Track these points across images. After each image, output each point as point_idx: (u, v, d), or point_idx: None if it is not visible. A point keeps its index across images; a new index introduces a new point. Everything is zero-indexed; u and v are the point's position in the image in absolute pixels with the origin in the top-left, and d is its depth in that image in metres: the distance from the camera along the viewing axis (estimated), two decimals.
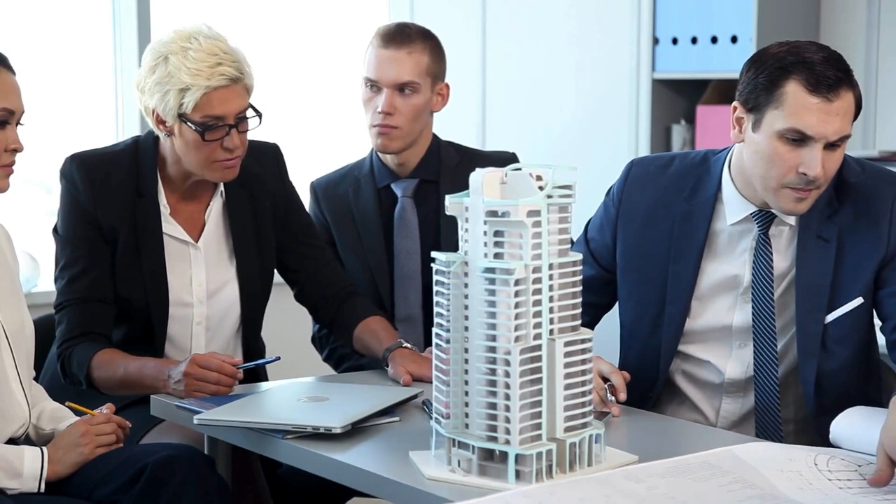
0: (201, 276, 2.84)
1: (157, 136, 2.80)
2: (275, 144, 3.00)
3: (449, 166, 3.16)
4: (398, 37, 3.09)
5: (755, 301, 2.54)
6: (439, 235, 3.11)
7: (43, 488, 2.43)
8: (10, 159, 2.48)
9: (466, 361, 2.01)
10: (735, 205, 2.55)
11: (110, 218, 2.78)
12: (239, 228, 2.87)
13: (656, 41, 4.19)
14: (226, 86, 2.68)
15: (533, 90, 4.50)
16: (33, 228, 4.06)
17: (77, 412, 2.58)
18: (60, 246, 2.81)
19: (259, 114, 2.75)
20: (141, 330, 2.82)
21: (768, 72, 2.41)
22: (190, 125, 2.69)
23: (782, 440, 2.52)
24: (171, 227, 2.83)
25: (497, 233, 1.98)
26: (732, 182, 2.54)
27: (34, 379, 2.62)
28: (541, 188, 2.00)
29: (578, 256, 2.05)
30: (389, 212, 3.18)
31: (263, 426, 2.33)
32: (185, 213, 2.85)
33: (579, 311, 2.05)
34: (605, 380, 2.44)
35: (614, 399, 2.42)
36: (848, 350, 2.53)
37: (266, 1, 4.71)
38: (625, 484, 1.85)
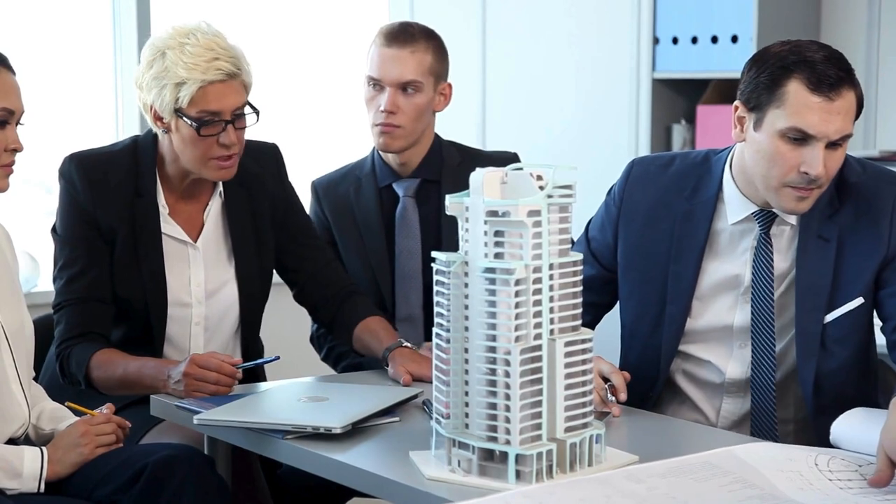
0: (200, 277, 2.84)
1: (156, 136, 2.80)
2: (274, 145, 2.99)
3: (451, 166, 3.15)
4: (401, 36, 3.08)
5: (755, 301, 2.54)
6: (441, 235, 3.10)
7: (43, 488, 2.42)
8: (10, 159, 2.48)
9: (466, 361, 2.01)
10: (736, 204, 2.54)
11: (109, 218, 2.77)
12: (238, 229, 2.87)
13: (656, 41, 4.19)
14: (222, 80, 2.67)
15: (533, 90, 4.49)
16: (33, 228, 4.05)
17: (77, 412, 2.57)
18: (59, 246, 2.80)
19: (256, 111, 2.74)
20: (140, 330, 2.81)
21: (770, 71, 2.41)
22: (186, 120, 2.68)
23: (777, 440, 2.51)
24: (170, 227, 2.82)
25: (497, 233, 1.98)
26: (734, 181, 2.54)
27: (34, 379, 2.62)
28: (541, 188, 2.00)
29: (579, 256, 2.05)
30: (391, 211, 3.17)
31: (263, 426, 2.33)
32: (184, 214, 2.84)
33: (580, 311, 2.05)
34: (606, 380, 2.44)
35: (615, 399, 2.41)
36: (847, 350, 2.53)
37: (266, 1, 4.71)
38: (625, 484, 1.85)
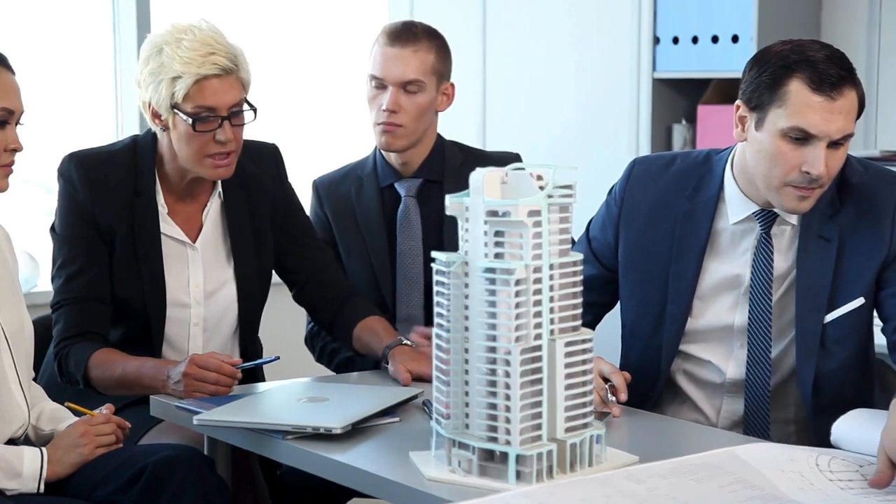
0: (199, 277, 2.83)
1: (156, 135, 2.79)
2: (274, 145, 2.98)
3: (453, 166, 3.14)
4: (404, 35, 3.08)
5: (753, 301, 2.54)
6: (442, 235, 3.10)
7: (42, 489, 2.42)
8: (10, 159, 2.48)
9: (467, 362, 2.01)
10: (737, 204, 2.54)
11: (108, 217, 2.77)
12: (237, 229, 2.86)
13: (657, 40, 4.18)
14: (217, 75, 2.66)
15: (533, 90, 4.49)
16: (33, 228, 4.05)
17: (76, 412, 2.57)
18: (58, 245, 2.80)
19: (254, 109, 2.73)
20: (138, 330, 2.81)
21: (771, 70, 2.40)
22: (182, 116, 2.68)
23: (769, 441, 2.51)
24: (169, 228, 2.82)
25: (497, 233, 1.98)
26: (735, 181, 2.54)
27: (33, 379, 2.61)
28: (541, 188, 1.99)
29: (579, 256, 2.04)
30: (392, 211, 3.17)
31: (263, 426, 2.32)
32: (183, 214, 2.84)
33: (580, 312, 2.05)
34: (606, 380, 2.43)
35: (615, 399, 2.41)
36: (847, 350, 2.52)
37: (267, 0, 4.70)
38: (626, 484, 1.85)
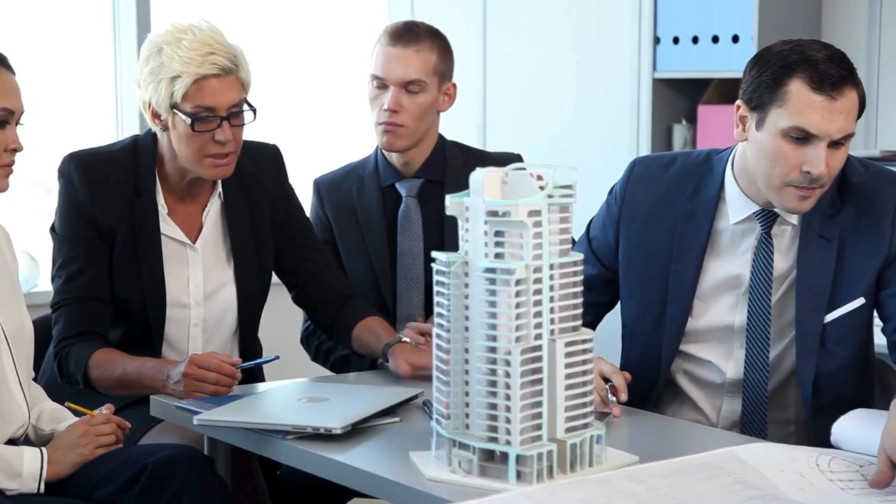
0: (198, 278, 2.83)
1: (156, 135, 2.79)
2: (274, 146, 2.98)
3: (454, 167, 3.14)
4: (406, 35, 3.07)
5: (752, 301, 2.54)
6: (443, 236, 3.09)
7: (42, 489, 2.42)
8: (10, 159, 2.48)
9: (467, 362, 2.00)
10: (738, 204, 2.54)
11: (108, 217, 2.76)
12: (237, 230, 2.86)
13: (657, 40, 4.18)
14: (217, 75, 2.66)
15: (534, 90, 4.49)
16: (33, 228, 4.05)
17: (76, 413, 2.57)
18: (58, 245, 2.80)
19: (254, 109, 2.73)
20: (138, 331, 2.81)
21: (772, 70, 2.40)
22: (181, 116, 2.67)
23: (767, 441, 2.51)
24: (169, 228, 2.81)
25: (498, 233, 1.98)
26: (735, 181, 2.54)
27: (33, 379, 2.61)
28: (541, 188, 1.99)
29: (579, 256, 2.04)
30: (393, 211, 3.16)
31: (263, 427, 2.32)
32: (183, 214, 2.84)
33: (580, 312, 2.05)
34: (606, 380, 2.43)
35: (615, 399, 2.41)
36: (847, 350, 2.52)
37: (267, 0, 4.70)
38: (626, 484, 1.85)
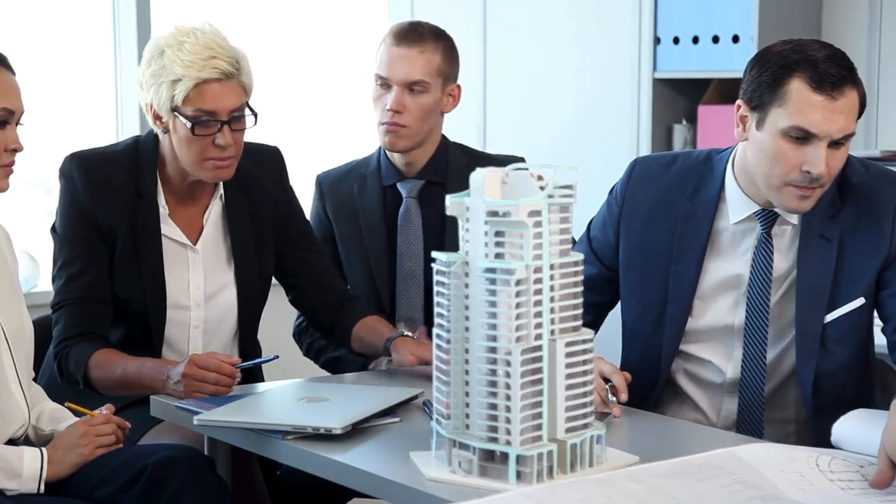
0: (199, 280, 2.83)
1: (157, 137, 2.79)
2: (275, 148, 2.97)
3: (456, 168, 3.12)
4: (411, 35, 3.07)
5: (750, 301, 2.54)
6: (443, 237, 3.09)
7: (42, 489, 2.42)
8: (10, 159, 2.48)
9: (467, 362, 2.00)
10: (738, 203, 2.54)
11: (109, 218, 2.76)
12: (238, 232, 2.86)
13: (658, 40, 4.18)
14: (218, 79, 2.65)
15: (534, 90, 4.49)
16: (33, 228, 4.05)
17: (76, 413, 2.57)
18: (59, 245, 2.80)
19: (255, 114, 2.73)
20: (138, 332, 2.80)
21: (772, 70, 2.40)
22: (182, 119, 2.67)
23: (762, 439, 2.51)
24: (170, 229, 2.81)
25: (498, 233, 1.98)
26: (736, 181, 2.54)
27: (33, 379, 2.61)
28: (542, 188, 1.99)
29: (580, 256, 2.04)
30: (393, 211, 3.16)
31: (263, 427, 2.32)
32: (184, 216, 2.83)
33: (580, 312, 2.05)
34: (607, 380, 2.43)
35: (615, 400, 2.41)
36: (847, 350, 2.52)
37: (267, 0, 4.70)
38: (626, 485, 1.85)
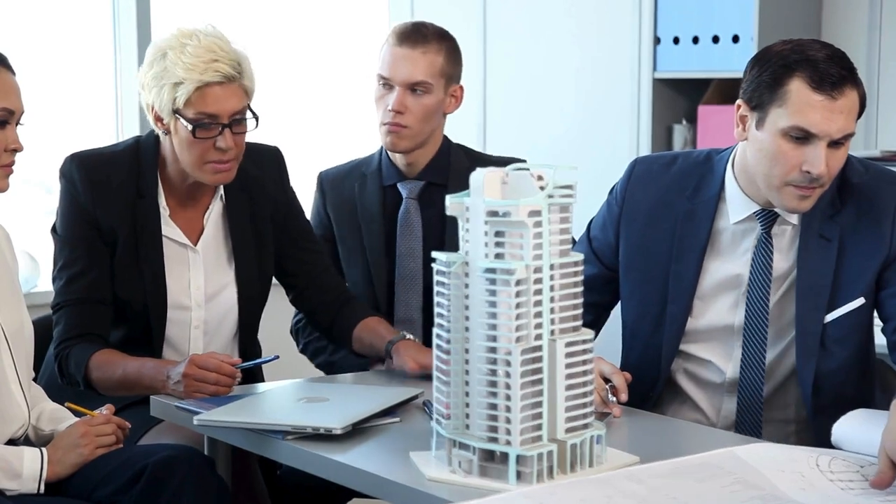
0: (199, 280, 2.83)
1: (158, 137, 2.79)
2: (276, 148, 2.97)
3: (458, 170, 3.11)
4: (413, 36, 3.06)
5: (749, 301, 2.54)
6: (443, 239, 3.08)
7: (42, 489, 2.42)
8: (10, 159, 2.48)
9: (467, 362, 2.00)
10: (738, 203, 2.54)
11: (110, 218, 2.76)
12: (238, 232, 2.86)
13: (658, 41, 4.18)
14: (220, 83, 2.65)
15: (534, 90, 4.49)
16: (33, 228, 4.05)
17: (76, 413, 2.57)
18: (59, 246, 2.80)
19: (256, 117, 2.73)
20: (139, 332, 2.80)
21: (772, 70, 2.40)
22: (183, 122, 2.67)
23: (761, 439, 2.51)
24: (171, 230, 2.81)
25: (498, 233, 1.98)
26: (736, 181, 2.54)
27: (33, 379, 2.61)
28: (542, 188, 1.99)
29: (580, 256, 2.04)
30: (393, 211, 3.15)
31: (263, 427, 2.32)
32: (185, 216, 2.83)
33: (580, 312, 2.05)
34: (607, 380, 2.43)
35: (615, 400, 2.41)
36: (847, 350, 2.52)
37: (267, 0, 4.70)
38: (626, 485, 1.85)
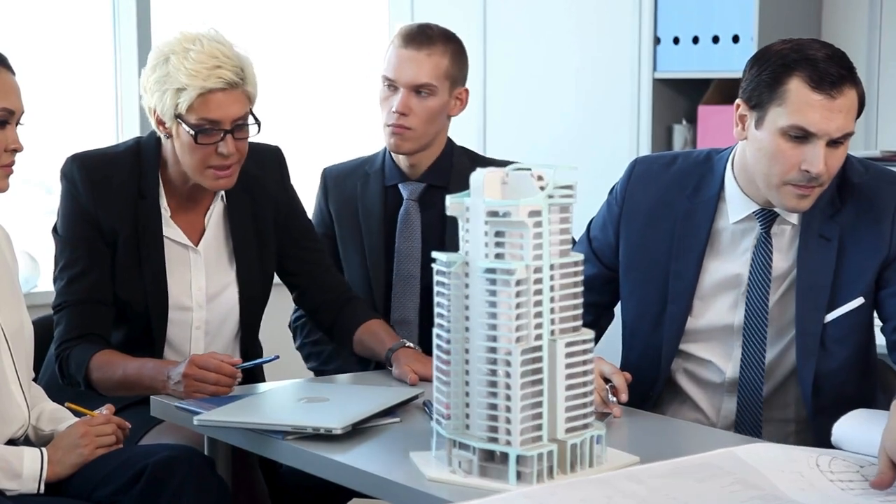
0: (201, 281, 2.83)
1: (160, 138, 2.79)
2: (276, 147, 2.97)
3: (460, 172, 3.09)
4: (419, 37, 3.06)
5: (749, 301, 2.54)
6: (443, 240, 3.08)
7: (42, 489, 2.42)
8: (10, 159, 2.48)
9: (467, 362, 2.00)
10: (738, 203, 2.54)
11: (111, 219, 2.76)
12: (239, 232, 2.85)
13: (658, 41, 4.18)
14: (222, 89, 2.65)
15: (534, 90, 4.49)
16: (33, 228, 4.05)
17: (77, 413, 2.57)
18: (60, 247, 2.79)
19: (258, 122, 2.73)
20: (140, 333, 2.80)
21: (771, 69, 2.40)
22: (185, 127, 2.67)
23: (761, 438, 2.51)
24: (172, 231, 2.81)
25: (498, 233, 1.98)
26: (735, 180, 2.54)
27: (33, 380, 2.61)
28: (542, 188, 1.99)
29: (580, 257, 2.04)
30: (394, 211, 3.15)
31: (263, 427, 2.32)
32: (186, 217, 2.83)
33: (580, 312, 2.05)
34: (607, 380, 2.43)
35: (615, 400, 2.41)
36: (847, 350, 2.52)
37: (266, 1, 4.70)
38: (626, 485, 1.85)
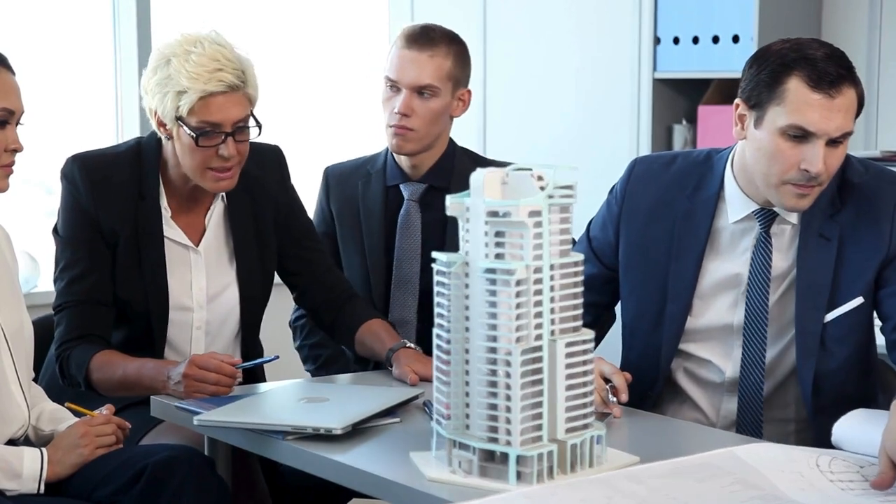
0: (201, 281, 2.83)
1: (160, 138, 2.79)
2: (276, 147, 2.97)
3: (461, 173, 3.08)
4: (421, 38, 3.05)
5: (749, 300, 2.54)
6: (443, 241, 3.08)
7: (42, 489, 2.42)
8: (10, 159, 2.48)
9: (467, 362, 2.00)
10: (737, 203, 2.54)
11: (111, 220, 2.76)
12: (240, 232, 2.85)
13: (658, 41, 4.18)
14: (224, 92, 2.65)
15: (534, 90, 4.49)
16: (33, 228, 4.05)
17: (77, 413, 2.57)
18: (60, 247, 2.79)
19: (259, 124, 2.73)
20: (141, 333, 2.80)
21: (770, 68, 2.41)
22: (186, 129, 2.67)
23: (761, 438, 2.51)
24: (172, 231, 2.81)
25: (498, 233, 1.98)
26: (735, 180, 2.54)
27: (33, 380, 2.61)
28: (542, 188, 1.99)
29: (580, 257, 2.04)
30: (394, 211, 3.15)
31: (263, 427, 2.32)
32: (186, 217, 2.83)
33: (580, 312, 2.05)
34: (607, 381, 2.43)
35: (616, 400, 2.41)
36: (847, 350, 2.52)
37: (266, 0, 4.70)
38: (626, 485, 1.85)
